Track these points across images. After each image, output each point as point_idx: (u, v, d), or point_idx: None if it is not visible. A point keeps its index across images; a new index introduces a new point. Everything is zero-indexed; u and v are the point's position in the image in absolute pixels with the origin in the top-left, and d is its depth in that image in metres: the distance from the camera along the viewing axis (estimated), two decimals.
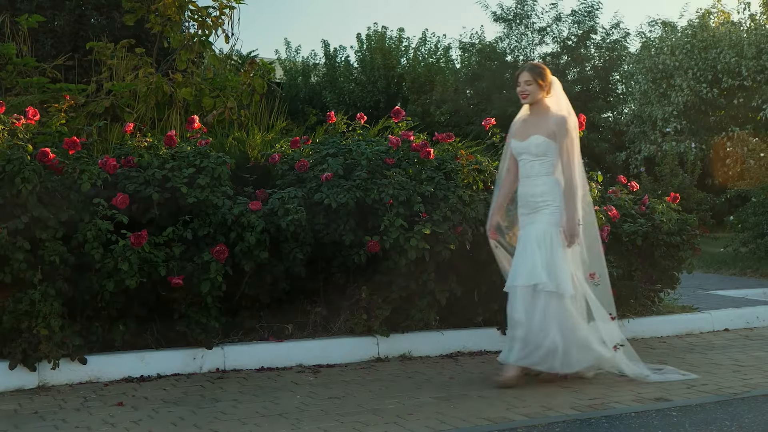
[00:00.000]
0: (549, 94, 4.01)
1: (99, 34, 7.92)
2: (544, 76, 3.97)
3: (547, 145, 3.90)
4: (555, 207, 3.91)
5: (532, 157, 3.94)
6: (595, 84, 16.87)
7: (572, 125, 3.95)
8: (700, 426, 3.20)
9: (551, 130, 3.91)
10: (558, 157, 3.92)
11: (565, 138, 3.89)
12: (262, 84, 6.59)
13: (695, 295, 6.49)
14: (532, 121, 4.00)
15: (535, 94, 3.97)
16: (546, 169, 3.92)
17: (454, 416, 3.35)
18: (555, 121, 3.92)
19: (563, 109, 4.01)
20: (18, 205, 3.89)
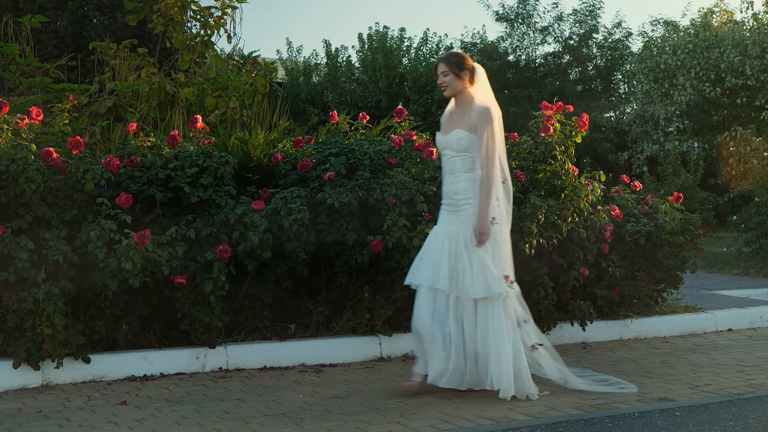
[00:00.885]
0: (473, 83, 3.75)
1: (101, 34, 7.94)
2: (460, 65, 3.71)
3: (469, 140, 3.67)
4: (476, 206, 3.68)
5: (454, 153, 3.71)
6: (597, 84, 16.85)
7: (494, 116, 3.69)
8: (704, 426, 3.19)
9: (473, 122, 3.67)
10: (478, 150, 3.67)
11: (486, 129, 3.63)
12: (264, 84, 6.60)
13: (698, 295, 6.48)
14: (457, 114, 3.76)
15: (454, 85, 3.72)
16: (468, 165, 3.69)
17: (457, 416, 3.35)
18: (477, 113, 3.67)
19: (487, 99, 3.75)
20: (22, 204, 3.90)
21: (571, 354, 4.70)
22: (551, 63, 16.85)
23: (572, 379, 3.80)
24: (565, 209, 4.83)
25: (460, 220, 3.68)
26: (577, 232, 4.91)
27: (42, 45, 7.99)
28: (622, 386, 3.81)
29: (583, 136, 5.12)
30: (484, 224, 3.64)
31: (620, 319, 5.23)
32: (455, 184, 3.73)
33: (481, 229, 3.63)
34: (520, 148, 5.22)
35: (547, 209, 4.72)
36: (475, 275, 3.60)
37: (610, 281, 5.17)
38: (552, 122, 4.96)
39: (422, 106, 16.40)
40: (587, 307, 4.95)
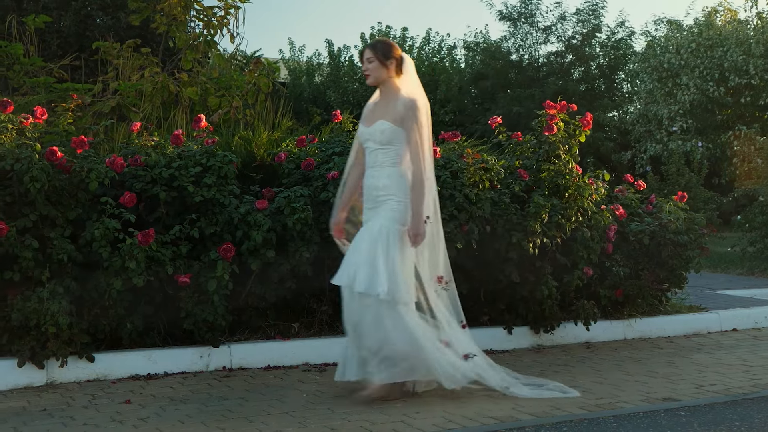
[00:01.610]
0: (399, 74, 3.57)
1: (104, 34, 7.95)
2: (387, 53, 3.53)
3: (393, 131, 3.46)
4: (397, 201, 3.48)
5: (377, 145, 3.50)
6: (600, 83, 16.83)
7: (422, 109, 3.50)
8: (709, 426, 3.18)
9: (398, 114, 3.46)
10: (406, 146, 3.48)
11: (414, 123, 3.44)
12: (267, 83, 6.61)
13: (703, 295, 6.47)
14: (381, 105, 3.57)
15: (378, 74, 3.54)
16: (391, 159, 3.48)
17: (461, 415, 3.35)
18: (403, 105, 3.47)
19: (414, 91, 3.56)
20: (26, 203, 3.91)
21: (575, 354, 4.70)
22: (554, 62, 16.83)
23: (514, 386, 3.64)
24: (568, 208, 4.82)
25: (382, 213, 3.47)
26: (580, 231, 4.90)
27: (45, 45, 8.01)
28: (564, 391, 3.66)
29: (587, 135, 5.12)
30: (419, 225, 3.44)
31: (624, 318, 5.22)
32: (376, 179, 3.51)
33: (416, 230, 3.44)
34: (523, 148, 5.21)
35: (550, 208, 4.71)
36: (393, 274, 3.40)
37: (614, 281, 5.16)
38: (556, 121, 4.96)
39: None
40: (591, 306, 4.95)
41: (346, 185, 3.74)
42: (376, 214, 3.50)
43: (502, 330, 4.84)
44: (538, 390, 3.65)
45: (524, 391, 3.60)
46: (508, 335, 4.84)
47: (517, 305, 4.87)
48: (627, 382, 3.96)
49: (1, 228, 3.75)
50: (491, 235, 4.70)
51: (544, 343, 4.92)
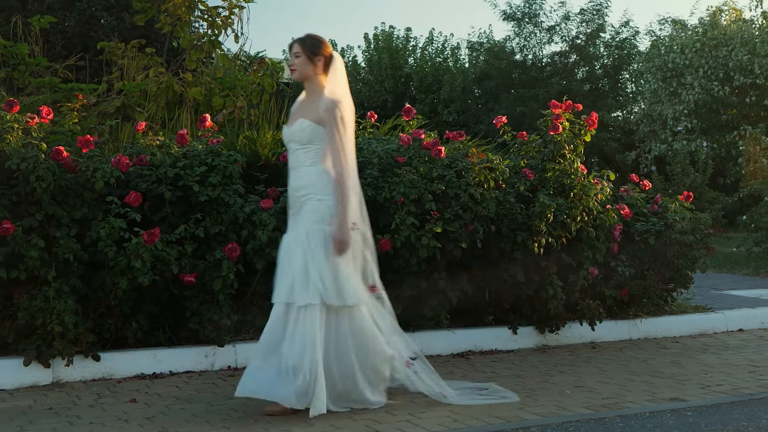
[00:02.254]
0: (327, 73, 3.41)
1: (109, 34, 7.96)
2: (315, 49, 3.38)
3: (313, 130, 3.31)
4: (318, 200, 3.30)
5: (298, 145, 3.35)
6: (604, 83, 16.80)
7: (345, 110, 3.35)
8: (717, 426, 3.17)
9: (320, 114, 3.32)
10: (327, 146, 3.32)
11: (335, 125, 3.28)
12: (272, 83, 6.61)
13: (708, 295, 6.45)
14: (305, 104, 3.44)
15: (304, 70, 3.39)
16: (311, 158, 3.33)
17: (467, 414, 3.34)
18: (325, 105, 3.32)
19: (339, 92, 3.40)
20: (32, 203, 3.92)
21: (581, 354, 4.69)
22: (558, 62, 16.81)
23: (450, 393, 3.50)
24: (574, 208, 4.81)
25: (304, 216, 3.30)
26: (586, 231, 4.89)
27: (50, 45, 8.02)
28: (503, 396, 3.56)
29: (591, 135, 5.11)
30: (344, 231, 3.24)
31: (630, 318, 5.21)
32: (297, 180, 3.36)
33: (341, 237, 3.24)
34: (528, 147, 5.20)
35: (556, 208, 4.70)
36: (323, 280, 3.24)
37: (619, 281, 5.15)
38: (561, 121, 4.95)
39: (428, 105, 16.40)
40: (596, 306, 4.94)
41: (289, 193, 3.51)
42: (299, 219, 3.32)
43: (507, 330, 4.83)
44: (476, 397, 3.53)
45: (459, 399, 3.47)
46: (513, 335, 4.83)
47: (522, 305, 4.86)
48: (633, 382, 3.95)
49: (7, 227, 3.75)
50: (496, 234, 4.70)
51: (549, 343, 4.91)
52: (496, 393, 3.61)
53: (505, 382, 3.92)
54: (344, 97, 3.42)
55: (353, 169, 3.42)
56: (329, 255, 3.25)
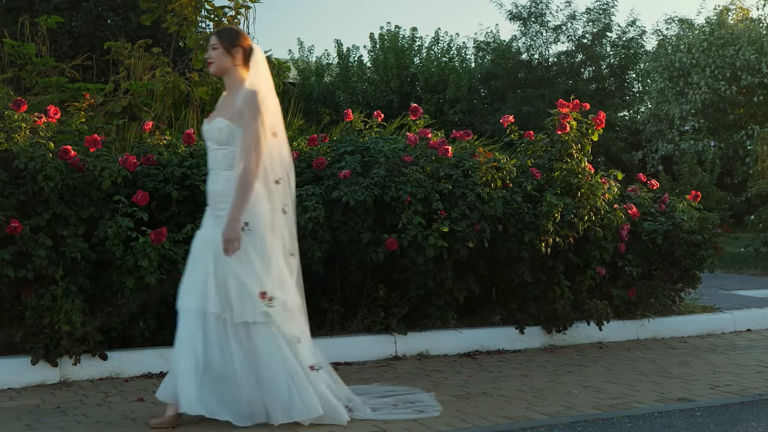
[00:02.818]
0: (247, 66, 3.21)
1: (115, 34, 7.98)
2: (233, 40, 3.20)
3: (230, 131, 3.12)
4: None
5: (216, 145, 3.18)
6: (610, 83, 16.75)
7: (264, 103, 3.14)
8: (726, 427, 3.15)
9: (237, 109, 3.12)
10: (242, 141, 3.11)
11: (251, 116, 3.08)
12: (278, 83, 6.61)
13: (716, 295, 6.42)
14: (225, 100, 3.26)
15: (221, 63, 3.20)
16: (229, 161, 3.14)
17: (475, 414, 3.33)
18: (242, 97, 3.12)
19: (260, 86, 3.20)
20: (40, 202, 3.92)
21: (588, 354, 4.68)
22: (564, 62, 16.77)
23: (360, 407, 3.27)
24: (581, 208, 4.80)
25: (220, 227, 3.10)
26: (593, 230, 4.88)
27: (57, 45, 8.05)
28: (423, 409, 3.32)
29: (600, 134, 5.09)
30: (233, 230, 3.05)
31: (637, 318, 5.19)
32: (215, 184, 3.17)
33: (228, 236, 3.04)
34: (536, 147, 5.19)
35: (563, 208, 4.69)
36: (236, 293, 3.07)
37: (626, 281, 5.14)
38: (568, 120, 4.93)
39: (434, 105, 16.38)
40: (604, 306, 4.92)
41: None
42: (216, 223, 3.14)
43: (514, 330, 4.82)
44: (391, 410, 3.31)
45: (371, 413, 3.25)
46: (520, 335, 4.82)
47: (529, 305, 4.85)
48: (641, 382, 3.93)
49: (15, 226, 3.76)
50: (503, 234, 4.68)
51: (557, 342, 4.89)
52: (417, 404, 3.38)
53: (512, 382, 3.92)
54: (265, 91, 3.20)
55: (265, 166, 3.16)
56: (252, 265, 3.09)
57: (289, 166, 3.31)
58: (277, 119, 3.26)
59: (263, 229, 3.13)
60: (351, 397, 3.30)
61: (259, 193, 3.12)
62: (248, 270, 3.09)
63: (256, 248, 3.11)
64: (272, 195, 3.19)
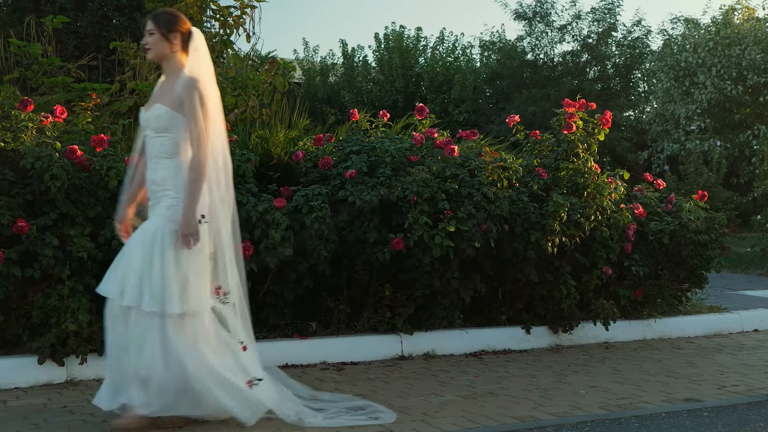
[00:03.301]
0: (186, 52, 3.09)
1: (121, 34, 7.99)
2: (170, 25, 3.07)
3: (170, 117, 3.01)
4: (174, 198, 3.03)
5: (154, 133, 3.06)
6: (616, 82, 16.72)
7: (206, 91, 3.02)
8: (734, 427, 3.14)
9: (177, 96, 3.00)
10: (186, 134, 3.02)
11: (193, 105, 2.97)
12: (284, 82, 6.61)
13: (723, 295, 6.40)
14: (163, 86, 3.13)
15: (158, 48, 3.08)
16: (168, 149, 3.03)
17: (482, 414, 3.32)
18: (182, 84, 3.00)
19: (201, 71, 3.08)
20: (47, 201, 3.93)
21: (594, 354, 4.66)
22: (569, 62, 16.74)
23: (309, 416, 3.15)
24: (587, 207, 4.78)
25: (157, 212, 3.04)
26: (600, 230, 4.86)
27: (63, 45, 8.06)
28: (377, 416, 3.21)
29: (606, 134, 5.08)
30: (191, 224, 2.95)
31: (643, 318, 5.17)
32: (154, 172, 3.06)
33: (186, 230, 2.94)
34: (542, 146, 5.18)
35: (569, 207, 4.67)
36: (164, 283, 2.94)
37: (633, 280, 5.12)
38: (574, 120, 4.92)
39: (439, 105, 16.37)
40: (610, 306, 4.91)
41: (133, 177, 3.24)
42: (153, 213, 3.07)
43: (520, 330, 4.81)
44: (344, 418, 3.18)
45: (321, 422, 3.13)
46: (527, 335, 4.81)
47: (535, 305, 4.84)
48: (648, 382, 3.92)
49: (22, 226, 3.77)
50: (510, 234, 4.68)
51: (563, 342, 4.88)
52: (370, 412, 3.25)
53: (518, 382, 3.91)
54: (206, 78, 3.08)
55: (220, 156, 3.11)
56: (174, 257, 2.96)
57: (228, 153, 3.19)
58: (215, 106, 3.13)
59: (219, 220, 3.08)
60: (301, 408, 3.19)
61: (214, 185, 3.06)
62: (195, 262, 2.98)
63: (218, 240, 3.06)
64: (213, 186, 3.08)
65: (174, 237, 2.99)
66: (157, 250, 2.96)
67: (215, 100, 3.13)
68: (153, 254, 2.96)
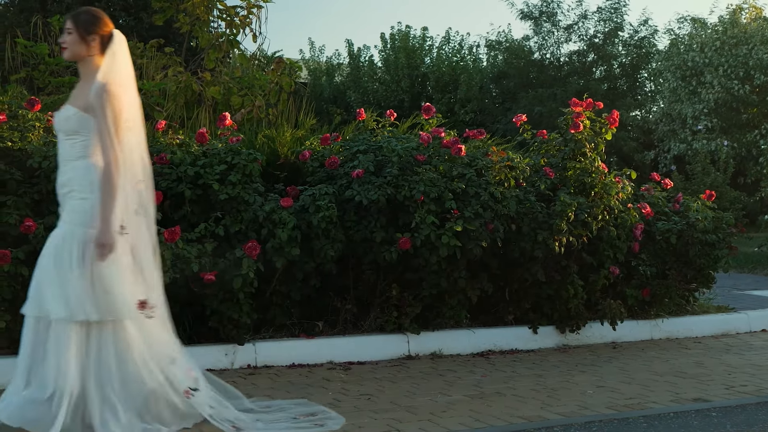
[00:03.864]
0: (104, 54, 2.98)
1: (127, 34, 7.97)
2: (89, 26, 2.95)
3: (79, 119, 2.90)
4: (81, 199, 2.89)
5: (64, 135, 2.95)
6: (622, 82, 16.68)
7: (115, 96, 2.90)
8: (742, 427, 3.13)
9: (89, 101, 2.90)
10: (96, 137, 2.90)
11: (104, 111, 2.85)
12: (290, 82, 6.61)
13: (730, 295, 6.38)
14: (78, 89, 3.03)
15: (75, 49, 2.96)
16: (78, 151, 2.92)
17: (489, 414, 3.32)
18: (94, 89, 2.88)
19: (117, 76, 2.95)
20: (54, 201, 3.92)
21: (602, 353, 4.65)
22: (576, 61, 16.70)
23: (246, 425, 3.03)
24: (595, 207, 4.77)
25: (64, 217, 2.94)
26: (607, 230, 4.85)
27: None
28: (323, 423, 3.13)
29: (613, 133, 5.07)
30: (107, 234, 2.81)
31: (651, 318, 5.16)
32: (63, 175, 2.96)
33: (102, 240, 2.80)
34: (549, 146, 5.17)
35: (576, 207, 4.66)
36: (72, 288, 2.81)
37: (640, 280, 5.10)
38: (582, 119, 4.91)
39: (445, 105, 16.35)
40: (617, 306, 4.89)
41: None
42: (62, 218, 2.95)
43: (527, 329, 4.80)
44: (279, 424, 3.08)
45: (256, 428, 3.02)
46: (534, 334, 4.80)
47: (542, 304, 4.83)
48: (656, 382, 3.91)
49: (29, 225, 3.78)
50: (517, 233, 4.66)
51: (570, 342, 4.87)
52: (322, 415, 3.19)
53: (526, 382, 3.90)
54: (123, 82, 2.97)
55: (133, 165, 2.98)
56: (88, 262, 2.83)
57: (148, 162, 3.08)
58: (134, 113, 3.02)
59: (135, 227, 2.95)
60: (238, 416, 3.07)
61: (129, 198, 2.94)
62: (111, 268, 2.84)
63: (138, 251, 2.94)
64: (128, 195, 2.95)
65: (82, 240, 2.85)
66: (66, 255, 2.83)
67: (132, 106, 3.01)
68: (64, 260, 2.83)
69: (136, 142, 3.02)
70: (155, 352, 2.97)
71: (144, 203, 3.02)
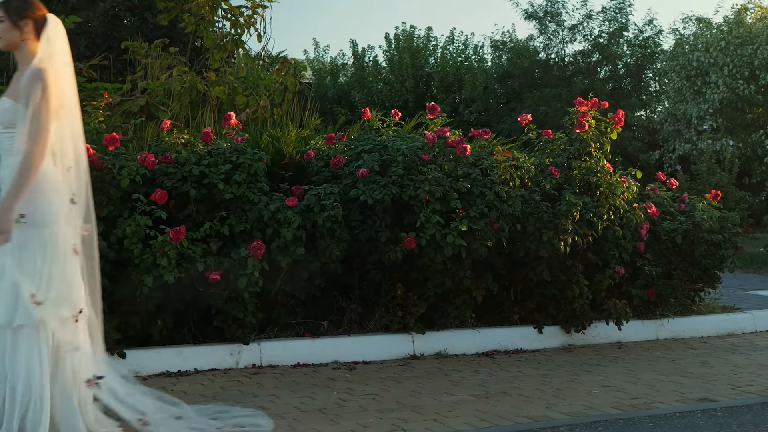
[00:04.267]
0: (39, 39, 2.85)
1: (132, 34, 8.03)
2: (22, 11, 2.83)
3: (15, 111, 2.77)
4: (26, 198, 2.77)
5: (2, 128, 2.82)
6: (627, 82, 16.65)
7: (49, 82, 2.75)
8: (748, 427, 3.11)
9: (22, 89, 2.78)
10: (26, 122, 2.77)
11: (34, 95, 2.73)
12: (294, 82, 6.61)
13: (736, 295, 6.36)
14: (15, 78, 2.89)
15: (8, 37, 2.83)
16: (16, 145, 2.79)
17: (494, 414, 3.31)
18: (27, 76, 2.77)
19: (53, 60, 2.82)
20: None
21: (607, 353, 4.64)
22: (581, 61, 16.68)
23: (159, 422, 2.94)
24: (600, 206, 4.76)
25: None
26: (612, 230, 4.84)
27: (74, 45, 8.02)
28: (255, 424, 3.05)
29: (618, 133, 5.06)
30: (6, 220, 2.67)
31: (656, 318, 5.14)
32: (3, 169, 2.82)
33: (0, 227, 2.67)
34: (554, 145, 5.16)
35: (582, 206, 4.65)
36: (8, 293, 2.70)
37: (646, 280, 5.09)
38: (587, 119, 4.90)
39: (449, 105, 16.35)
40: (623, 306, 4.88)
41: None
42: None
43: (532, 329, 4.79)
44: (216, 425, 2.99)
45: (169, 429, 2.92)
46: (539, 334, 4.79)
47: (547, 304, 4.82)
48: (661, 382, 3.89)
49: None
50: (522, 233, 4.66)
51: (575, 342, 4.86)
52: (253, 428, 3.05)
53: (531, 382, 3.89)
54: (59, 68, 2.85)
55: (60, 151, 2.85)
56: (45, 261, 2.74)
57: (82, 148, 2.95)
58: (69, 98, 2.89)
59: (53, 222, 2.79)
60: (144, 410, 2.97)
61: (53, 181, 2.80)
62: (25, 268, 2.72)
63: (39, 243, 2.75)
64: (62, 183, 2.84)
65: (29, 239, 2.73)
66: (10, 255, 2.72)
67: (67, 90, 2.88)
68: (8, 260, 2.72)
69: (70, 129, 2.90)
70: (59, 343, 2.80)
71: (75, 191, 2.90)
